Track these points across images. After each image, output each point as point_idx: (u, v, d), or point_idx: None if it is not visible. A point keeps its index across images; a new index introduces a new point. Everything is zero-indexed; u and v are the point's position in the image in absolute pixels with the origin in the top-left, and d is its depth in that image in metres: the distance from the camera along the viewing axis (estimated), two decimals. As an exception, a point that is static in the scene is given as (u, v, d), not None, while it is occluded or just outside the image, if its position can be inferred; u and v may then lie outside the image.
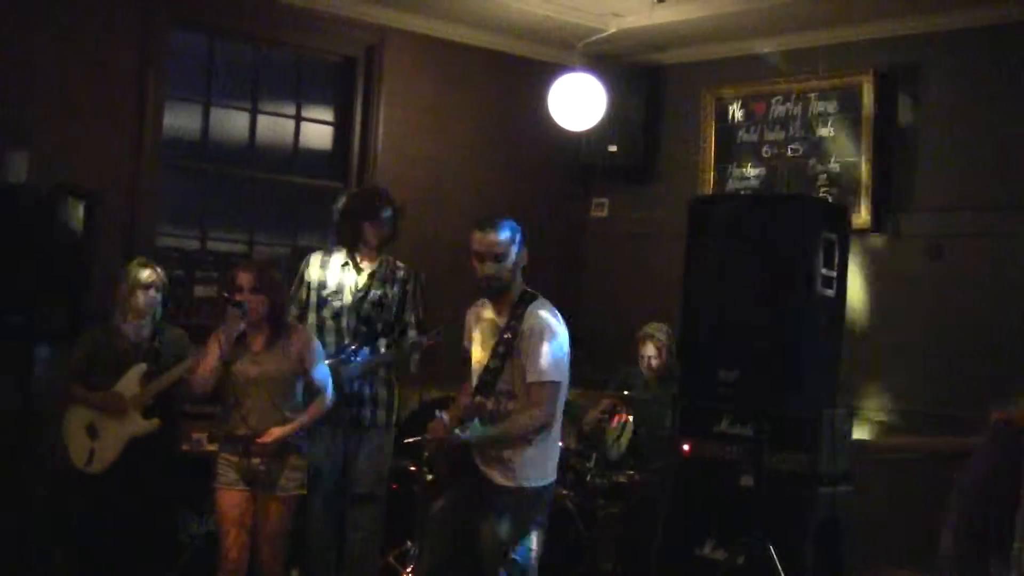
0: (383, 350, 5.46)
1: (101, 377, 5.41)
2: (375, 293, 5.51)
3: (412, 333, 5.54)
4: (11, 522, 5.35)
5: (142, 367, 5.41)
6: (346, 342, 5.44)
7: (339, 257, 5.55)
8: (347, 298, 5.48)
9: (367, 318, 5.48)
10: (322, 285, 5.50)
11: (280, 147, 7.15)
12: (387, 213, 5.52)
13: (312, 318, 5.46)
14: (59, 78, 6.00)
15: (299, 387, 4.94)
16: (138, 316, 5.49)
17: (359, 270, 5.52)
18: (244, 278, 4.81)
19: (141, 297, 5.46)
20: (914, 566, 5.44)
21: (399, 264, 5.62)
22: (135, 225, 6.29)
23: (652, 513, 5.76)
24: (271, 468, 4.80)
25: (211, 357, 4.83)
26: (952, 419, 5.78)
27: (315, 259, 5.59)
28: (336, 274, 5.52)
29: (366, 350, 5.42)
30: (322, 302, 5.49)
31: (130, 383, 5.39)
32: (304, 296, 5.51)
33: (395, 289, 5.54)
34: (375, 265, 5.55)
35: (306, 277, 5.53)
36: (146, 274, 5.51)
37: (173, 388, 5.40)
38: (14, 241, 5.14)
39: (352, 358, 5.37)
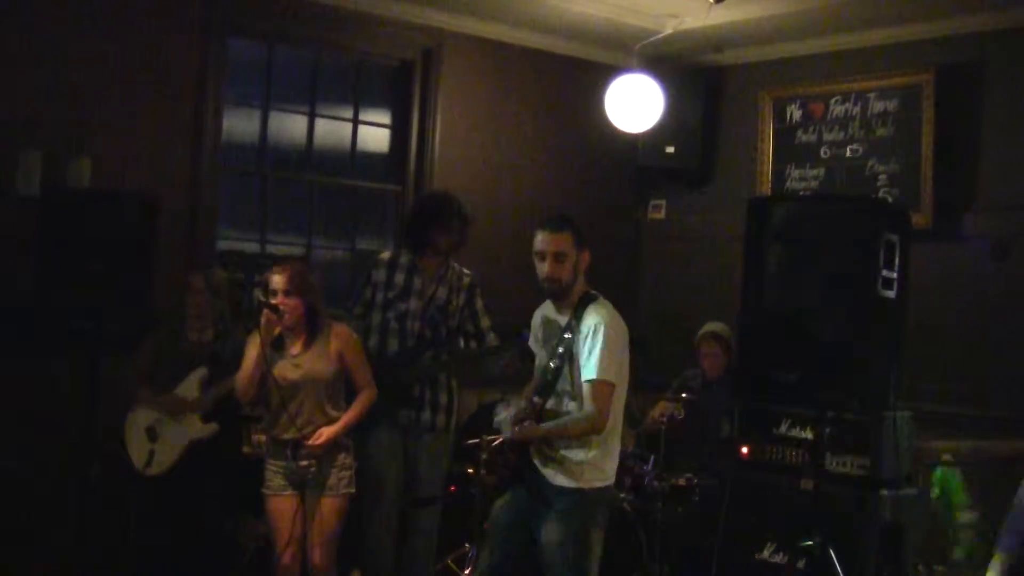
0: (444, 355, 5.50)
1: (163, 379, 5.47)
2: (442, 298, 5.52)
3: (492, 336, 5.58)
4: (76, 524, 5.43)
5: (202, 371, 5.46)
6: (409, 344, 5.46)
7: (407, 260, 5.56)
8: (414, 302, 5.50)
9: (433, 322, 5.50)
10: (389, 286, 5.51)
11: (338, 150, 7.20)
12: (456, 221, 5.51)
13: (377, 319, 5.48)
14: (120, 85, 6.08)
15: (342, 385, 4.98)
16: (195, 319, 5.56)
17: (426, 274, 5.53)
18: (278, 281, 4.83)
19: (191, 301, 5.53)
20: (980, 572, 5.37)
21: (464, 271, 5.63)
22: (195, 229, 6.36)
23: (711, 517, 5.73)
24: (321, 468, 4.84)
25: (249, 363, 4.86)
26: (1018, 423, 5.70)
27: (383, 260, 5.60)
28: (403, 276, 5.53)
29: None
30: (387, 304, 5.49)
31: (190, 387, 5.44)
32: (369, 296, 5.53)
33: (461, 296, 5.56)
34: (442, 270, 5.56)
35: (374, 277, 5.53)
36: (193, 279, 5.57)
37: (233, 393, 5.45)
38: (78, 247, 5.21)
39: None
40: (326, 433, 4.82)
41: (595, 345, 4.32)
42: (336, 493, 4.89)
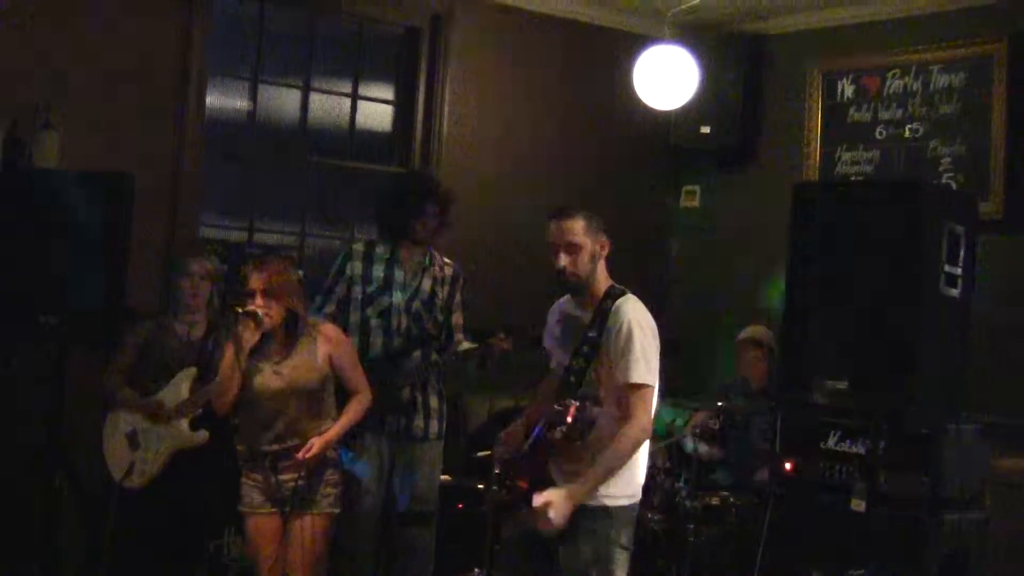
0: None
1: (148, 379, 5.44)
2: (426, 291, 5.49)
3: (459, 336, 5.54)
4: (42, 541, 5.41)
5: (191, 371, 5.42)
6: (395, 343, 5.42)
7: (384, 250, 5.53)
8: (397, 296, 5.46)
9: (418, 317, 5.47)
10: (367, 280, 5.49)
11: (335, 128, 7.19)
12: (433, 204, 5.49)
13: (355, 317, 5.45)
14: (92, 51, 6.05)
15: (331, 392, 4.93)
16: (188, 311, 5.52)
17: (408, 266, 5.50)
18: (256, 281, 4.76)
19: (188, 289, 5.49)
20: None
21: (446, 261, 5.63)
22: (176, 214, 6.34)
23: (749, 540, 5.70)
24: (304, 485, 4.79)
25: (226, 372, 4.80)
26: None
27: (358, 251, 5.58)
28: (383, 269, 5.50)
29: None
30: (367, 299, 5.47)
31: (178, 388, 5.41)
32: (344, 292, 5.49)
33: (445, 288, 5.53)
34: (424, 260, 5.53)
35: (348, 271, 5.51)
36: (193, 263, 5.54)
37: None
38: (43, 232, 5.19)
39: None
40: (317, 444, 4.78)
41: (629, 345, 4.32)
42: (320, 511, 4.84)
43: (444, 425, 5.59)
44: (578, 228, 4.40)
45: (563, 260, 4.40)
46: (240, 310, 4.76)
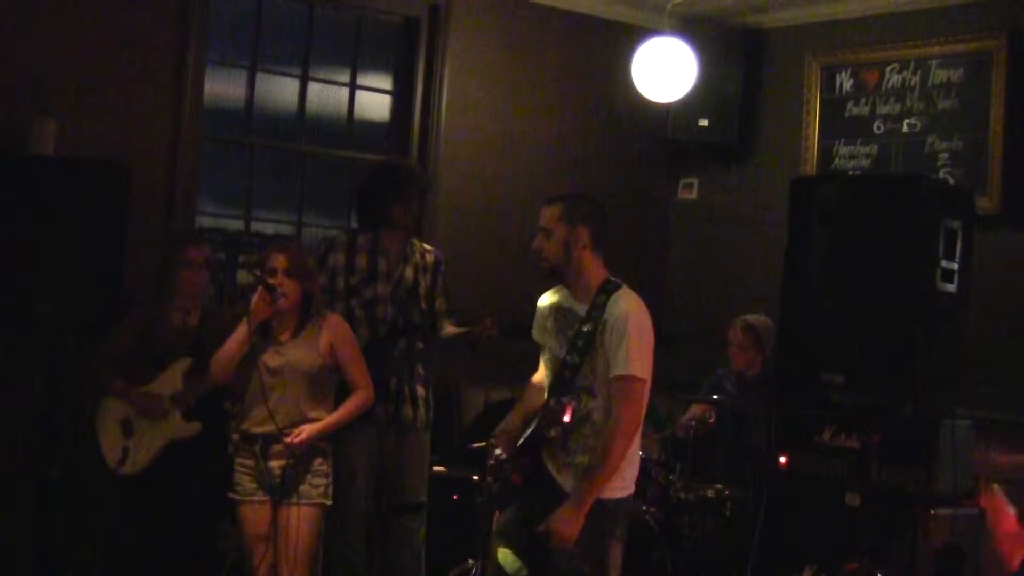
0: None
1: (142, 368, 5.43)
2: (409, 280, 5.50)
3: (443, 322, 5.55)
4: (37, 528, 5.41)
5: (186, 362, 5.42)
6: (381, 333, 5.43)
7: (366, 240, 5.53)
8: (381, 286, 5.47)
9: (403, 306, 5.48)
10: (351, 271, 5.48)
11: (333, 118, 7.17)
12: (413, 191, 5.51)
13: (340, 308, 5.43)
14: (90, 39, 6.03)
15: (329, 383, 4.96)
16: (184, 299, 5.52)
17: (391, 255, 5.51)
18: (278, 260, 4.86)
19: (186, 277, 5.49)
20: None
21: (427, 247, 5.63)
22: (173, 203, 6.32)
23: (744, 533, 5.70)
24: (292, 472, 4.81)
25: (234, 342, 4.87)
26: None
27: (340, 241, 5.58)
28: (366, 259, 5.50)
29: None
30: (351, 290, 5.47)
31: (172, 378, 5.41)
32: (326, 282, 5.46)
33: (427, 276, 5.54)
34: (405, 248, 5.54)
35: (330, 262, 5.50)
36: (191, 251, 5.54)
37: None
38: (40, 219, 5.18)
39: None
40: (307, 431, 4.80)
41: (622, 339, 4.33)
42: (308, 501, 4.85)
43: (431, 414, 5.60)
44: (551, 215, 4.47)
45: (536, 242, 4.48)
46: (260, 277, 4.84)
